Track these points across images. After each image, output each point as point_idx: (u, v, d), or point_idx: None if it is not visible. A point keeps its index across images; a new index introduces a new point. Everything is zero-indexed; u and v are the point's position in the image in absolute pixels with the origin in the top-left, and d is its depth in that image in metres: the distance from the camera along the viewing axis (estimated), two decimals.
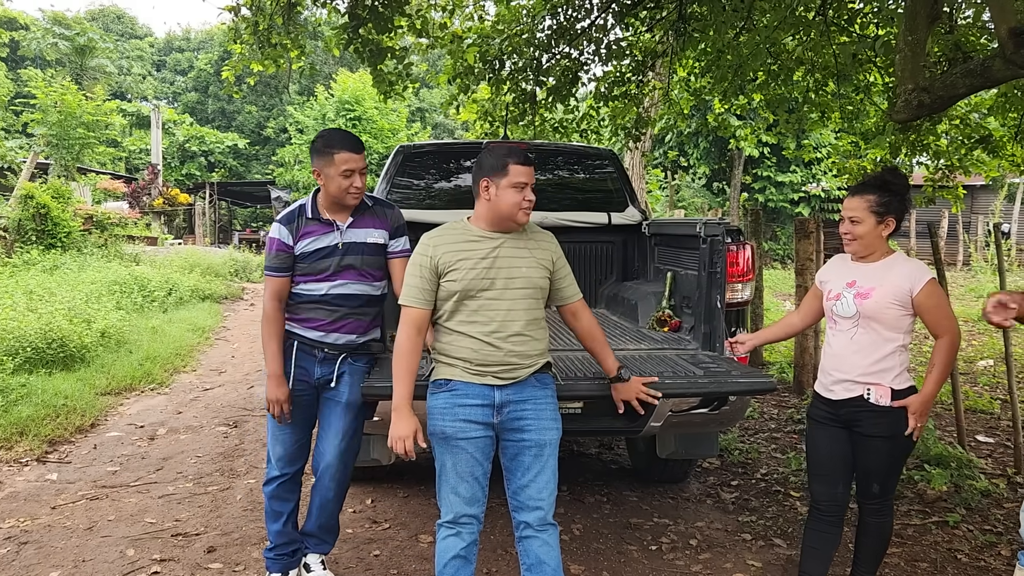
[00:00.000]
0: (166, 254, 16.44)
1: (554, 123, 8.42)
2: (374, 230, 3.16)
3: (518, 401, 2.67)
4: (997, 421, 6.10)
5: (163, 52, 46.71)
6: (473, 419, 2.63)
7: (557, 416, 2.76)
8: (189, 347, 9.03)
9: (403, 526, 4.01)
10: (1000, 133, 7.60)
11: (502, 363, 2.64)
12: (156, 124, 28.11)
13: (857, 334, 2.87)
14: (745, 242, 3.82)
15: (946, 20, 5.72)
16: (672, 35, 7.16)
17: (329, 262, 3.09)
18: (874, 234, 2.87)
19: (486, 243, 2.68)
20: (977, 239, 22.75)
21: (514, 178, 2.62)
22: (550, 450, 2.69)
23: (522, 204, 2.64)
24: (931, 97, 4.21)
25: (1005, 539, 3.81)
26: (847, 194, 2.95)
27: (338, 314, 3.13)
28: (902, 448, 2.93)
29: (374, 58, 6.36)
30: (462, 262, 2.64)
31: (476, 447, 2.65)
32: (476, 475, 2.67)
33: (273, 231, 3.12)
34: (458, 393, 2.66)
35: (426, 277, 2.67)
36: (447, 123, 38.37)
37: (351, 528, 3.98)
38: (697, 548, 3.80)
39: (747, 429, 5.85)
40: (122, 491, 4.52)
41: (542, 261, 2.74)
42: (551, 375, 2.83)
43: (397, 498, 4.38)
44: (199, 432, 5.76)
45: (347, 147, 3.03)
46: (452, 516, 2.68)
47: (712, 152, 22.06)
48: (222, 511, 4.23)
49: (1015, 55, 3.62)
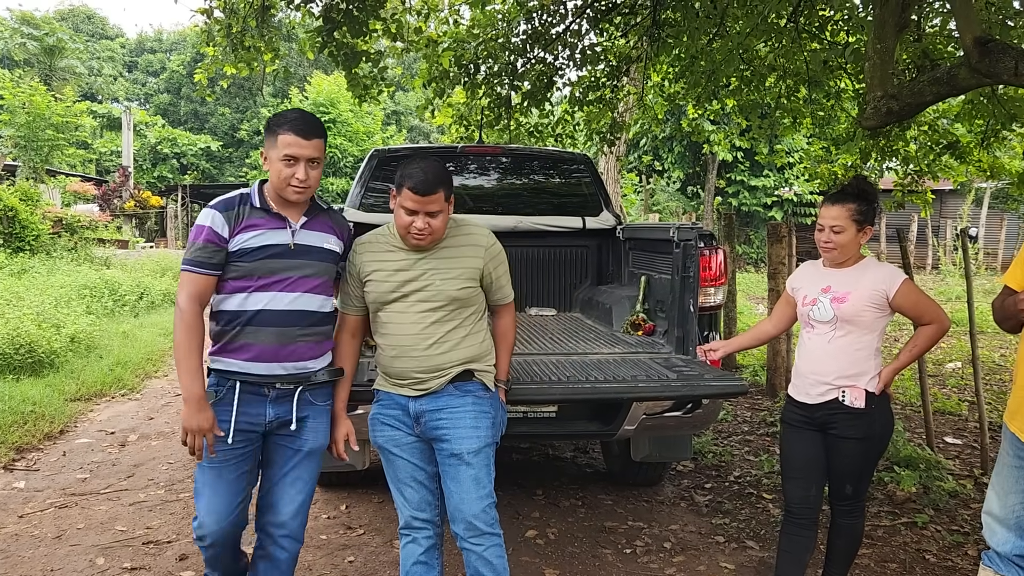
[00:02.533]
0: (137, 257, 16.25)
1: (529, 127, 8.44)
2: (330, 235, 2.63)
3: (433, 411, 2.61)
4: (965, 423, 6.20)
5: (135, 53, 46.20)
6: (397, 427, 2.66)
7: (480, 424, 2.62)
8: (161, 352, 8.92)
9: (378, 532, 3.99)
10: (967, 139, 7.74)
11: (412, 376, 2.61)
12: (127, 126, 27.80)
13: (834, 337, 2.90)
14: (718, 246, 3.85)
15: (914, 29, 5.82)
16: (646, 41, 7.22)
17: (280, 264, 2.50)
18: (854, 242, 2.91)
19: (404, 253, 2.60)
20: (946, 243, 23.10)
21: (404, 201, 2.48)
22: (469, 458, 2.58)
23: (410, 230, 2.50)
24: (899, 104, 4.28)
25: (972, 539, 3.87)
26: (826, 203, 2.96)
27: (288, 336, 2.50)
28: (875, 450, 2.97)
29: (349, 61, 6.34)
30: (377, 272, 2.61)
31: (409, 452, 2.67)
32: (419, 479, 2.68)
33: (203, 217, 2.48)
34: (382, 403, 2.70)
35: (352, 283, 2.68)
36: (423, 126, 38.32)
37: (325, 534, 3.96)
38: (671, 551, 3.82)
39: (721, 432, 5.90)
40: (92, 499, 4.45)
41: (465, 270, 2.61)
42: (478, 383, 2.67)
43: (372, 503, 4.36)
44: (171, 438, 5.69)
45: (294, 129, 2.44)
46: (404, 522, 2.72)
47: (686, 157, 22.24)
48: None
49: (980, 64, 3.69)
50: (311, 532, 3.97)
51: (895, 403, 6.76)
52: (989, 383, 7.69)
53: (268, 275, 2.49)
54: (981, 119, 7.08)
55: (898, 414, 6.24)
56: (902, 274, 2.91)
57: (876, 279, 2.87)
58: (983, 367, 8.36)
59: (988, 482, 4.49)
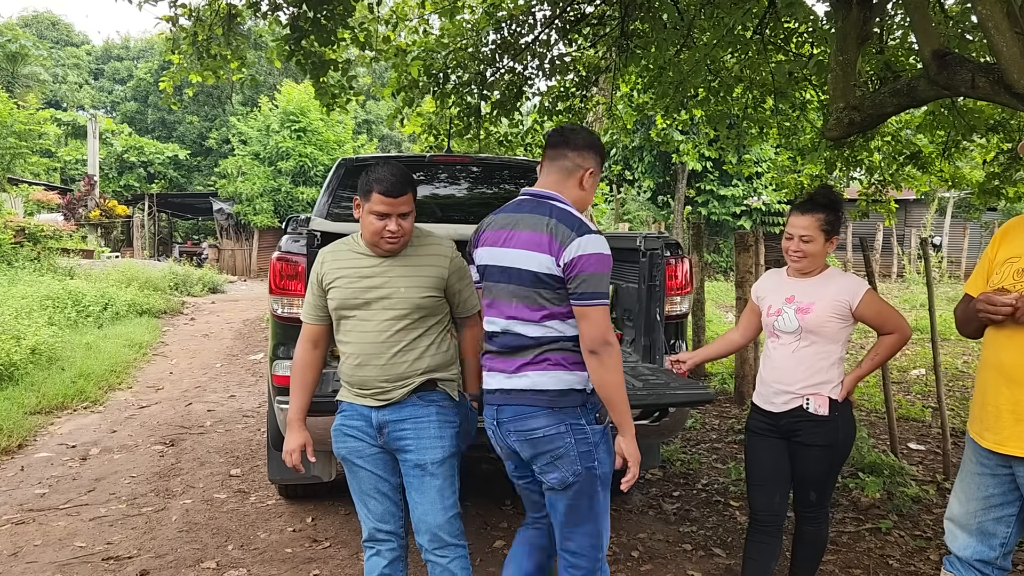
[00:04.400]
0: (102, 267, 16.01)
1: (499, 137, 8.45)
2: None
3: (396, 421, 2.59)
4: (928, 429, 6.29)
5: (101, 60, 45.57)
6: (359, 439, 2.63)
7: (444, 434, 2.62)
8: (125, 363, 8.78)
9: (344, 544, 3.95)
10: (929, 150, 7.89)
11: (375, 385, 2.59)
12: (93, 134, 27.42)
13: (799, 347, 2.93)
14: (684, 255, 3.87)
15: (876, 41, 5.92)
16: (615, 51, 7.27)
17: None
18: (822, 251, 2.94)
19: (369, 260, 2.60)
20: (910, 252, 23.50)
21: (374, 206, 2.48)
22: (433, 469, 2.58)
23: (383, 234, 2.50)
24: (861, 115, 4.34)
25: (934, 544, 3.92)
26: (795, 212, 2.97)
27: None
28: (839, 457, 2.99)
29: (317, 70, 6.30)
30: (341, 279, 2.60)
31: (372, 463, 2.64)
32: (382, 490, 2.66)
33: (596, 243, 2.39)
34: (345, 414, 2.67)
35: (315, 292, 2.66)
36: (394, 135, 38.23)
37: (290, 547, 3.90)
38: (639, 560, 3.82)
39: (689, 440, 5.92)
40: (50, 514, 4.35)
41: (430, 278, 2.60)
42: (442, 392, 2.66)
43: (338, 515, 4.31)
44: (134, 451, 5.60)
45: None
46: (368, 534, 2.70)
47: (657, 166, 22.40)
48: (156, 533, 4.10)
49: (938, 76, 3.76)
50: (275, 546, 3.92)
51: (860, 410, 6.84)
52: (952, 390, 7.82)
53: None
54: (942, 130, 7.22)
55: (863, 421, 6.32)
56: (865, 284, 2.94)
57: (839, 290, 2.90)
58: (946, 374, 8.50)
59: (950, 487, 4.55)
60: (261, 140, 28.19)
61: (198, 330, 12.46)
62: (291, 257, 3.55)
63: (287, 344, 3.61)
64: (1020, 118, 6.56)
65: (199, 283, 18.73)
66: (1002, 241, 2.59)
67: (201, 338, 11.56)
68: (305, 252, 3.52)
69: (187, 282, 18.21)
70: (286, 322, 3.59)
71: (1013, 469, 2.44)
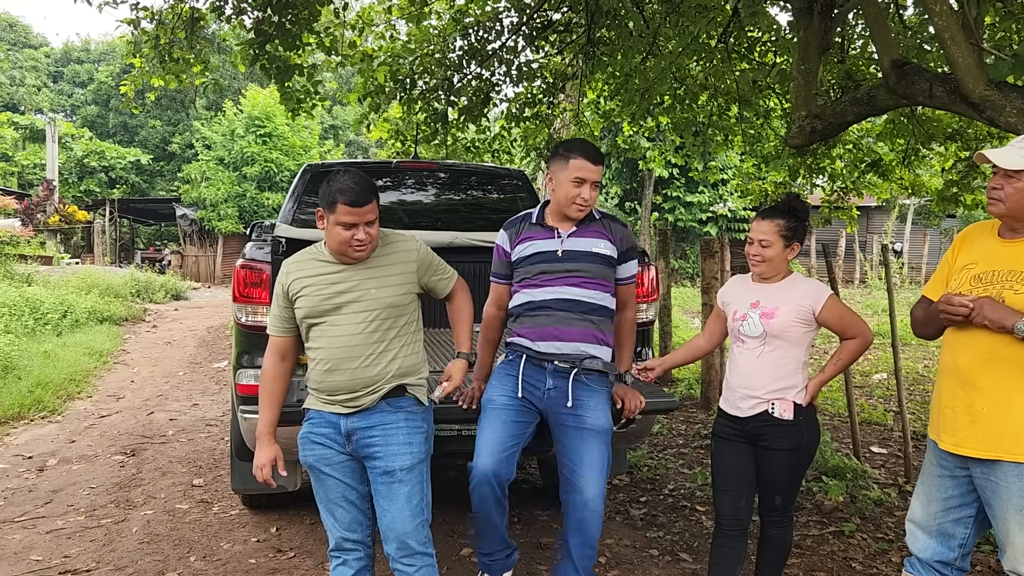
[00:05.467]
0: (61, 274, 15.69)
1: (466, 143, 8.44)
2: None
3: (365, 428, 2.59)
4: (890, 432, 6.39)
5: (60, 63, 44.73)
6: (327, 446, 2.62)
7: (413, 440, 2.63)
8: (85, 372, 8.61)
9: (309, 554, 3.89)
10: (889, 157, 8.04)
11: (347, 390, 2.58)
12: (52, 138, 26.92)
13: (764, 352, 2.95)
14: (649, 263, 3.89)
15: (838, 51, 6.02)
16: (581, 59, 7.31)
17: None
18: (781, 257, 2.98)
19: (335, 266, 2.61)
20: (872, 258, 23.91)
21: (340, 217, 2.49)
22: (401, 476, 2.58)
23: (351, 243, 2.53)
24: (822, 123, 4.42)
25: (896, 546, 3.97)
26: (757, 217, 3.02)
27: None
28: (803, 461, 3.02)
29: (281, 75, 6.24)
30: (308, 287, 2.60)
31: (341, 471, 2.62)
32: (350, 499, 2.64)
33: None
34: (312, 421, 2.65)
35: (281, 304, 2.65)
36: (361, 141, 38.03)
37: (254, 558, 3.84)
38: (606, 565, 3.82)
39: (656, 445, 5.95)
40: (5, 527, 4.24)
41: (399, 276, 2.65)
42: (411, 398, 2.67)
43: (304, 525, 4.26)
44: (93, 462, 5.48)
45: (586, 155, 2.90)
46: (335, 543, 2.67)
47: (624, 172, 22.57)
48: (116, 545, 4.02)
49: (897, 86, 3.84)
50: (239, 557, 3.86)
51: (824, 415, 6.93)
52: (913, 394, 7.96)
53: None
54: (902, 138, 7.36)
55: (827, 425, 6.40)
56: (828, 290, 2.98)
57: (803, 295, 2.94)
58: (907, 378, 8.65)
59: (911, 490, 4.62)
60: (226, 145, 27.88)
61: (160, 337, 12.26)
62: (255, 264, 3.51)
63: (251, 352, 3.57)
64: (977, 127, 6.72)
65: (162, 290, 18.43)
66: (960, 248, 2.65)
67: (164, 346, 11.38)
68: (270, 259, 3.48)
69: (149, 289, 17.91)
70: (250, 330, 3.55)
71: (970, 471, 2.49)
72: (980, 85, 3.40)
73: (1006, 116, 3.37)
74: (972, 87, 3.41)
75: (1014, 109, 3.35)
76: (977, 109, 3.48)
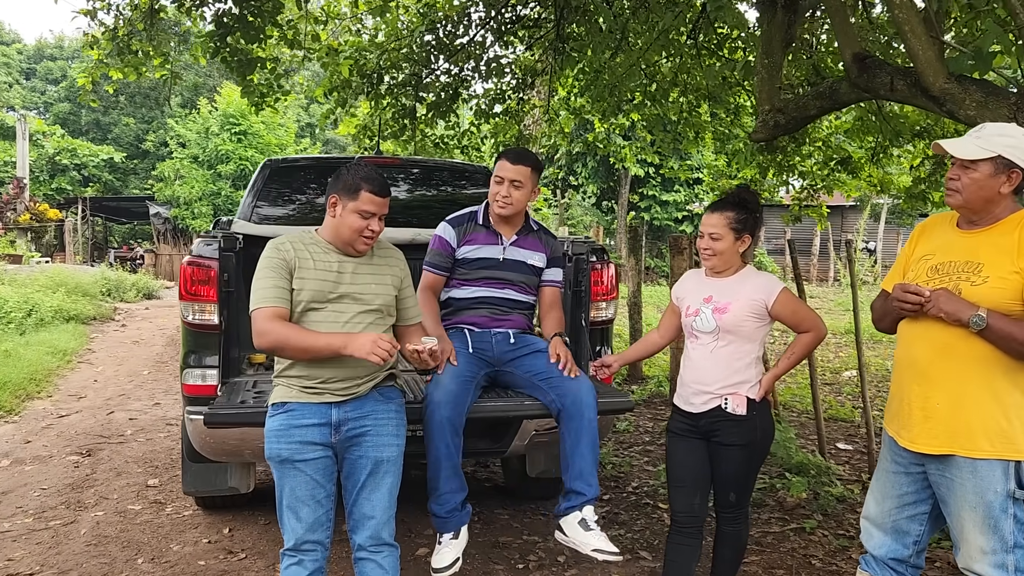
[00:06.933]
0: (30, 272, 15.40)
1: (435, 139, 8.35)
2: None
3: (357, 417, 2.57)
4: (856, 429, 6.39)
5: (33, 60, 44.02)
6: (310, 440, 2.52)
7: (399, 432, 2.66)
8: (46, 371, 8.43)
9: (261, 555, 3.80)
10: (859, 155, 8.04)
11: (343, 377, 2.53)
12: (22, 135, 26.46)
13: (717, 347, 2.90)
14: (609, 261, 3.83)
15: (806, 48, 6.00)
16: (551, 54, 7.24)
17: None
18: (732, 250, 2.93)
19: (336, 256, 2.60)
20: (844, 257, 24.05)
21: (362, 205, 2.50)
22: (387, 467, 2.61)
23: (364, 233, 2.53)
24: (786, 118, 4.38)
25: (856, 543, 3.94)
26: (706, 210, 2.99)
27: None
28: (757, 456, 2.98)
29: (243, 68, 6.12)
30: (312, 271, 2.54)
31: (315, 469, 2.53)
32: (317, 498, 2.55)
33: None
34: (294, 414, 2.53)
35: (283, 275, 2.51)
36: (338, 139, 37.74)
37: (204, 560, 3.75)
38: (565, 564, 3.77)
39: (622, 443, 5.90)
40: None
41: (392, 279, 2.68)
42: (397, 387, 2.73)
43: (257, 525, 4.16)
44: (47, 462, 5.34)
45: (506, 156, 3.25)
46: (294, 543, 2.56)
47: (600, 171, 22.55)
48: (63, 548, 3.90)
49: (859, 79, 3.80)
50: (188, 559, 3.76)
51: (791, 411, 6.92)
52: (881, 390, 7.96)
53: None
54: (870, 136, 7.36)
55: (793, 422, 6.38)
56: (780, 283, 2.94)
57: (755, 288, 2.89)
58: (876, 375, 8.68)
59: None
60: (200, 143, 27.57)
61: (128, 336, 12.07)
62: (203, 261, 3.40)
63: (199, 352, 3.48)
64: (945, 124, 6.72)
65: (133, 288, 18.16)
66: (919, 238, 2.61)
67: (131, 344, 11.19)
68: (217, 256, 3.39)
69: (120, 288, 17.64)
70: (198, 329, 3.45)
71: (925, 467, 2.45)
72: (940, 78, 3.36)
73: (966, 109, 3.33)
74: (932, 80, 3.37)
75: (973, 102, 3.31)
76: (937, 102, 3.44)
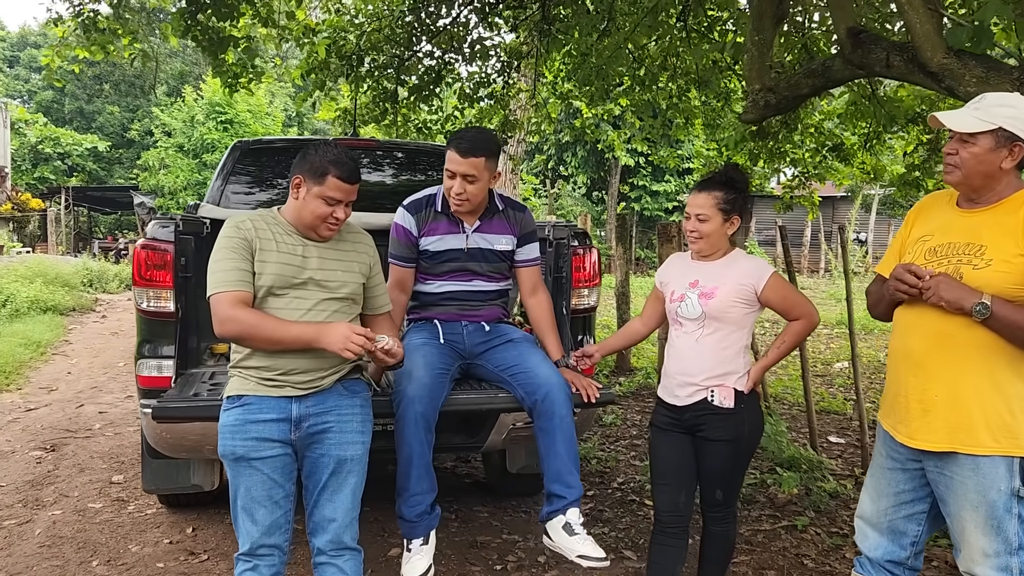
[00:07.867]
0: (8, 263, 15.11)
1: (418, 123, 8.13)
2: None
3: (319, 413, 2.37)
4: (849, 422, 6.22)
5: (16, 48, 43.45)
6: (268, 437, 2.31)
7: (365, 429, 2.48)
8: (18, 363, 8.19)
9: (224, 557, 3.61)
10: (851, 141, 7.87)
11: (305, 369, 2.33)
12: (3, 123, 26.08)
13: (702, 335, 2.72)
14: (592, 245, 3.64)
15: (799, 29, 5.81)
16: (536, 36, 7.03)
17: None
18: (720, 232, 2.73)
19: (297, 239, 2.40)
20: (836, 247, 23.95)
21: (327, 191, 2.32)
22: (351, 466, 2.42)
23: (328, 220, 2.36)
24: (777, 97, 4.19)
25: (850, 541, 3.77)
26: (692, 190, 2.79)
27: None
28: (745, 451, 2.80)
29: (215, 47, 5.89)
30: (275, 255, 2.33)
31: (273, 467, 2.33)
32: (275, 499, 2.35)
33: None
34: (251, 408, 2.32)
35: (244, 256, 2.30)
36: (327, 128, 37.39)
37: (163, 562, 3.55)
38: (545, 565, 3.59)
39: (608, 436, 5.72)
40: None
41: (359, 266, 2.49)
42: (363, 380, 2.54)
43: (222, 525, 3.96)
44: (8, 458, 5.13)
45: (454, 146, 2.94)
46: (249, 547, 2.37)
47: (590, 161, 22.36)
48: (14, 549, 3.69)
49: (853, 55, 3.62)
50: (146, 560, 3.56)
51: (782, 404, 6.75)
52: (874, 382, 7.82)
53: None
54: (863, 121, 7.19)
55: (784, 415, 6.21)
56: (771, 267, 2.75)
57: (744, 272, 2.70)
58: (869, 366, 8.54)
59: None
60: (186, 132, 27.23)
61: (107, 328, 11.81)
62: (158, 245, 3.20)
63: (153, 342, 3.29)
64: (940, 108, 6.55)
65: (116, 279, 17.88)
66: (916, 220, 2.44)
67: (109, 336, 10.94)
68: (173, 239, 3.19)
69: (102, 278, 17.38)
70: (152, 317, 3.27)
71: (923, 464, 2.28)
72: (939, 53, 3.18)
73: (965, 85, 3.16)
74: (930, 55, 3.19)
75: (974, 78, 3.13)
76: (935, 78, 3.27)
